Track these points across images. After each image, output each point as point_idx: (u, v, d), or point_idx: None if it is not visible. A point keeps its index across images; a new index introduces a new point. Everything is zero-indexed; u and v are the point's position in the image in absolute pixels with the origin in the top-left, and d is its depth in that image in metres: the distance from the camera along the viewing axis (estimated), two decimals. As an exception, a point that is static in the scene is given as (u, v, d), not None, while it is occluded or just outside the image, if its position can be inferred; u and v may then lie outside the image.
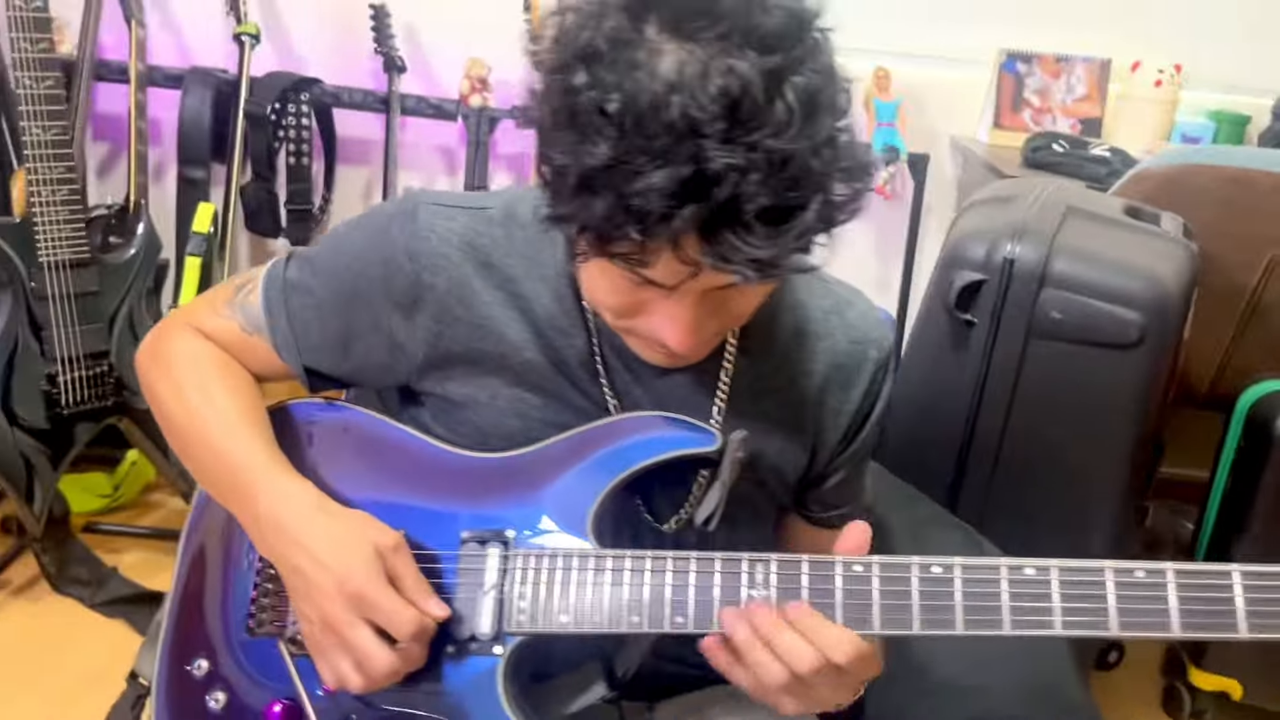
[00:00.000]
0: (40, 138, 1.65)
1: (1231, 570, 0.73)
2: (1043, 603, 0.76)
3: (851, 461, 1.00)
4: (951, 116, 2.45)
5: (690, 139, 0.65)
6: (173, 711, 0.93)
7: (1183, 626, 0.73)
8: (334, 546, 0.83)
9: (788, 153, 0.66)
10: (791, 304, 0.96)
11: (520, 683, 0.87)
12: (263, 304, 0.95)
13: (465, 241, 0.90)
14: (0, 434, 1.68)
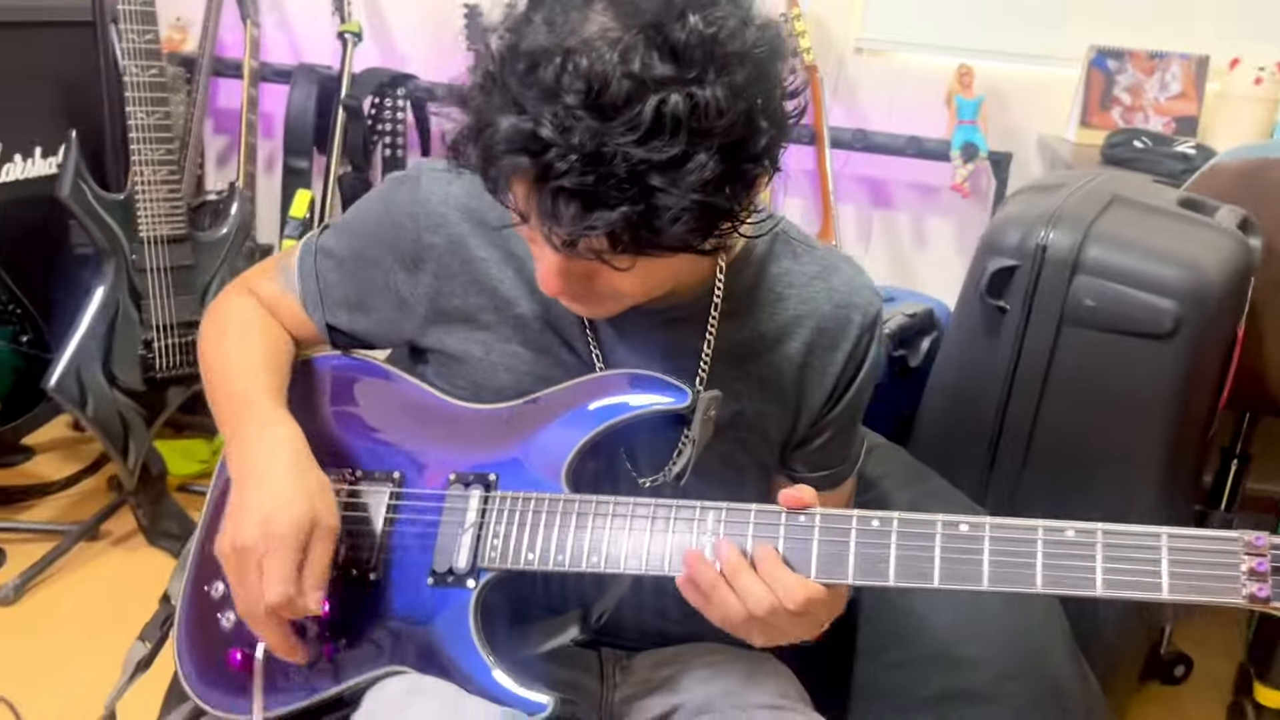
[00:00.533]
0: (144, 122, 1.81)
1: (1161, 533, 0.73)
2: (974, 557, 0.77)
3: (837, 424, 1.02)
4: (1039, 115, 2.40)
5: (542, 101, 0.71)
6: (190, 626, 1.02)
7: (1105, 585, 0.73)
8: (284, 497, 0.88)
9: (618, 154, 0.70)
10: (776, 270, 0.99)
11: (492, 617, 0.92)
12: (298, 267, 1.04)
13: (463, 204, 0.97)
14: (100, 393, 1.85)
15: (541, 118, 0.71)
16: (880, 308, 1.02)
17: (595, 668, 1.05)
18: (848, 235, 2.56)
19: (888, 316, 1.66)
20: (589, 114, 0.70)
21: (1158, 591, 0.73)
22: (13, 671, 1.71)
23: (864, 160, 2.49)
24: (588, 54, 0.71)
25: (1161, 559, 0.73)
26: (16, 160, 2.27)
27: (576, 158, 0.70)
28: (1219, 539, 0.73)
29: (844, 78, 2.48)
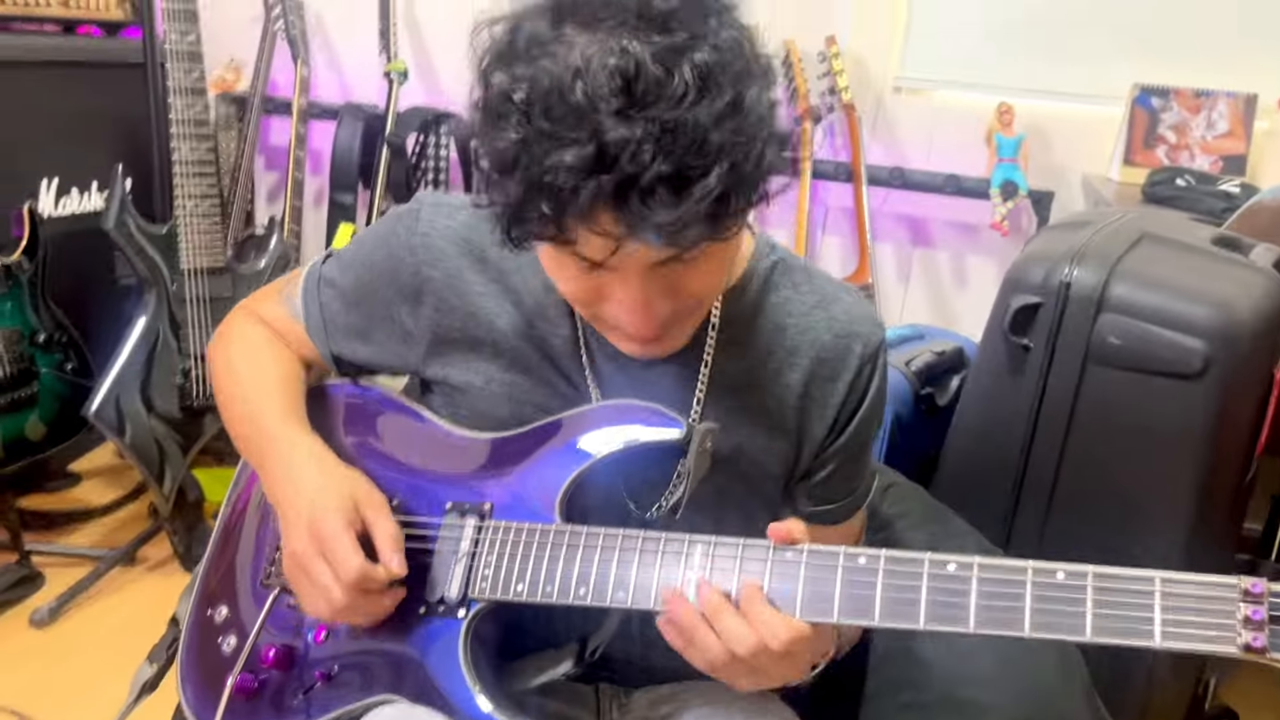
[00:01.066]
0: (188, 157, 1.87)
1: (1154, 577, 0.70)
2: (961, 599, 0.75)
3: (840, 456, 1.00)
4: (1083, 153, 2.36)
5: (591, 117, 0.69)
6: (193, 650, 1.04)
7: (1095, 631, 0.71)
8: (317, 491, 0.91)
9: (683, 122, 0.69)
10: (776, 300, 0.98)
11: (485, 648, 0.92)
12: (301, 295, 1.06)
13: (462, 237, 0.98)
14: (138, 420, 1.89)
15: (598, 129, 0.69)
16: (883, 338, 1.00)
17: (592, 703, 1.04)
18: (887, 274, 2.54)
19: (915, 354, 1.65)
20: (637, 106, 0.69)
21: (1150, 639, 0.69)
22: (44, 692, 1.74)
23: (904, 199, 2.47)
24: (599, 61, 0.70)
25: (1154, 604, 0.70)
26: (74, 194, 2.35)
27: (650, 146, 0.69)
28: (1215, 584, 0.69)
29: (883, 116, 2.47)
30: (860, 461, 1.03)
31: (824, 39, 2.37)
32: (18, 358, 1.95)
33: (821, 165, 2.42)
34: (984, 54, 2.40)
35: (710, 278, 0.84)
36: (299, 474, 0.93)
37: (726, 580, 0.82)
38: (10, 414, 1.95)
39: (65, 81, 2.32)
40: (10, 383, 1.94)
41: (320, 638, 0.96)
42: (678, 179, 0.70)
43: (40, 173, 2.28)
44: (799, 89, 2.38)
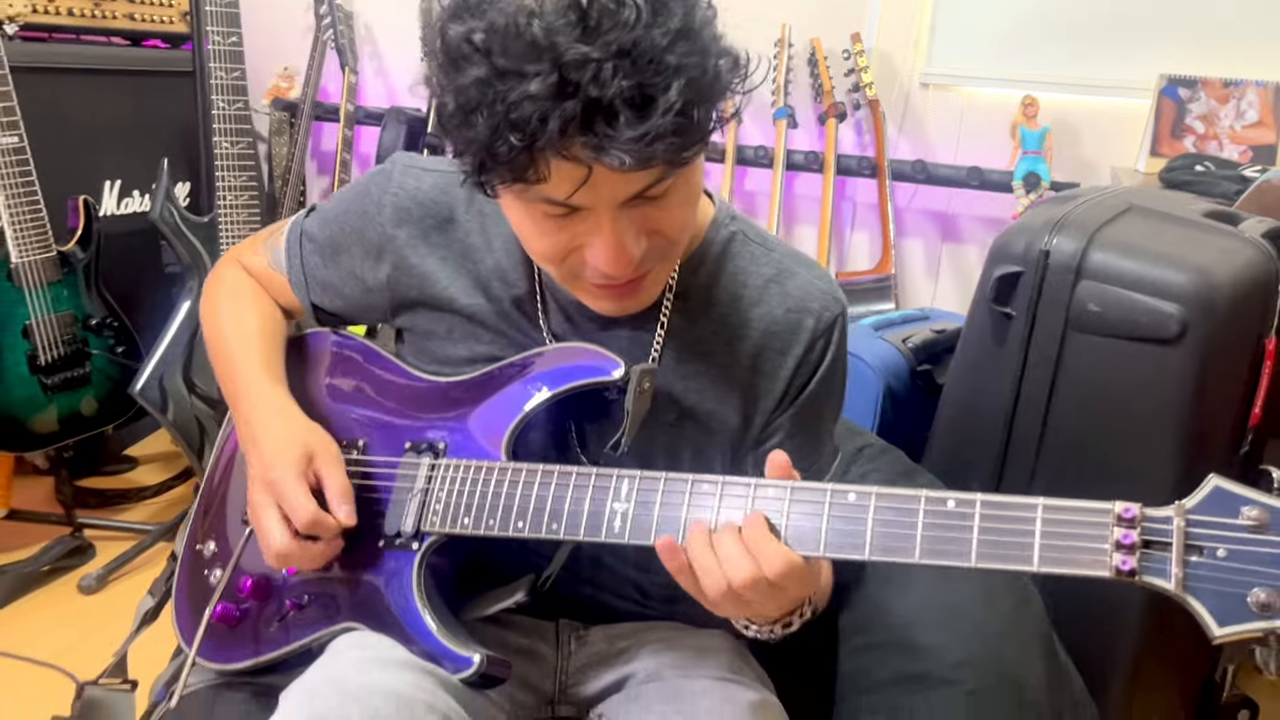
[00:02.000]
0: (229, 151, 1.98)
1: (1037, 504, 0.72)
2: (858, 527, 0.77)
3: (791, 427, 1.01)
4: (1111, 146, 2.35)
5: (549, 49, 0.72)
6: (184, 582, 1.11)
7: (979, 557, 0.72)
8: (275, 442, 0.97)
9: (638, 43, 0.72)
10: (733, 270, 1.00)
11: (441, 581, 0.97)
12: (285, 247, 1.12)
13: (430, 199, 1.02)
14: (180, 399, 2.00)
15: (558, 58, 0.72)
16: (838, 313, 1.01)
17: (551, 637, 1.08)
18: (916, 268, 2.55)
19: (912, 333, 1.66)
20: (593, 34, 0.72)
21: (1029, 564, 0.71)
22: (88, 653, 1.85)
23: (932, 195, 2.48)
24: (548, 1, 0.73)
25: (1035, 530, 0.71)
26: (134, 195, 2.50)
27: (609, 68, 0.71)
28: (1092, 510, 0.70)
29: (910, 113, 2.49)
30: (815, 437, 1.04)
31: (849, 36, 2.40)
32: (71, 340, 2.08)
33: (846, 160, 2.44)
34: (1010, 49, 2.40)
35: (679, 214, 0.86)
36: (263, 427, 0.99)
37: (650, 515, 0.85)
38: (65, 392, 2.08)
39: (130, 90, 2.47)
40: (65, 363, 2.07)
41: (292, 570, 1.02)
42: (640, 97, 0.73)
43: (104, 174, 2.44)
44: (824, 86, 2.42)
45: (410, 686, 0.85)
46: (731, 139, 2.47)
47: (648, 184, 0.80)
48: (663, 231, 0.86)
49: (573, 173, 0.77)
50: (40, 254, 2.00)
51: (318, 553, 0.95)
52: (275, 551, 0.94)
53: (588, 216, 0.82)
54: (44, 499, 2.33)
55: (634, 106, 0.73)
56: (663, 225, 0.86)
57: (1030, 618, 1.09)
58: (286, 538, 0.93)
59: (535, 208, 0.83)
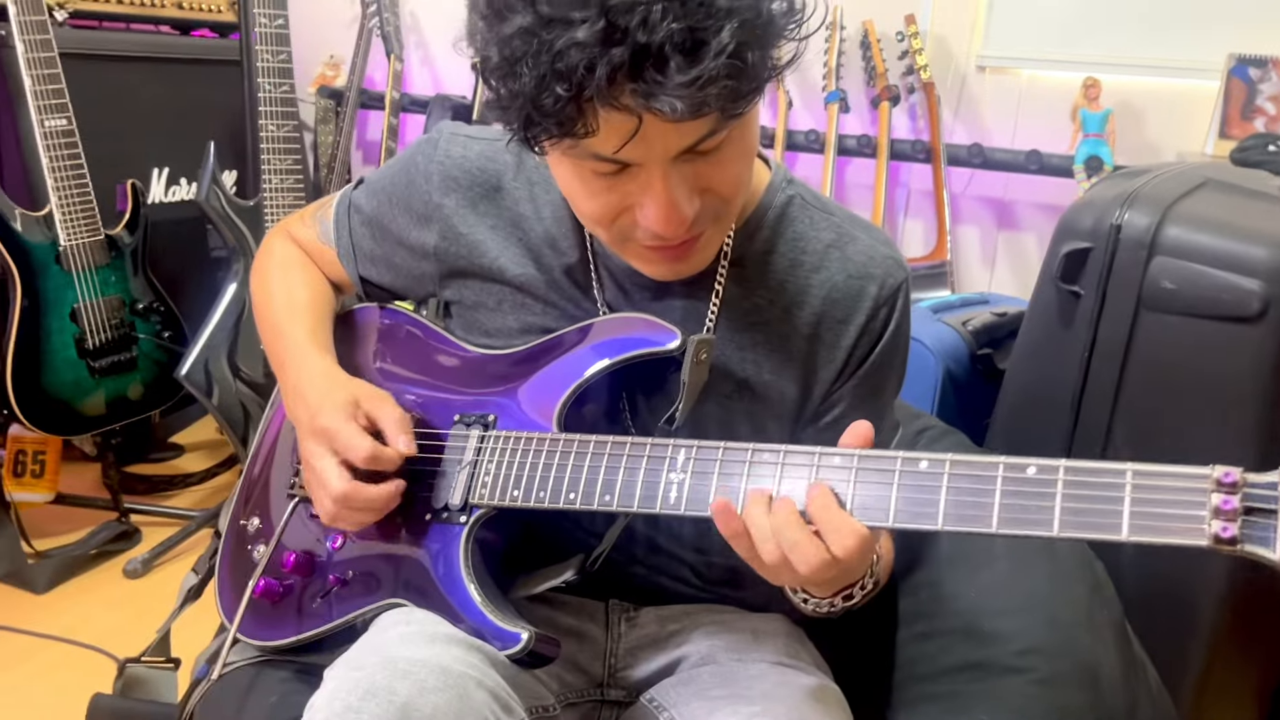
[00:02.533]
0: (274, 134, 1.97)
1: (1126, 469, 0.67)
2: (932, 495, 0.73)
3: (852, 398, 0.98)
4: (1177, 129, 2.26)
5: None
6: (227, 558, 1.09)
7: (1062, 526, 0.68)
8: (320, 397, 0.95)
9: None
10: (791, 236, 0.97)
11: (489, 556, 0.94)
12: (334, 219, 1.11)
13: (477, 167, 1.00)
14: (225, 383, 2.00)
15: (605, 4, 0.68)
16: (902, 280, 0.97)
17: (601, 618, 1.05)
18: (971, 255, 2.48)
19: (971, 316, 1.61)
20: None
21: (1117, 532, 0.66)
22: (132, 636, 1.84)
23: (988, 182, 2.41)
24: None
25: (1124, 497, 0.66)
26: (182, 184, 2.51)
27: (659, 9, 0.68)
28: (1187, 475, 0.65)
29: (966, 97, 2.42)
30: (877, 410, 0.99)
31: (903, 18, 2.35)
32: (119, 324, 2.08)
33: (899, 145, 2.38)
34: (1071, 30, 2.32)
35: (733, 170, 0.82)
36: (307, 388, 0.97)
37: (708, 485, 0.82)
38: (113, 376, 2.09)
39: (178, 79, 2.48)
40: (112, 347, 2.08)
41: (337, 544, 1.00)
42: (691, 41, 0.69)
43: (152, 162, 2.45)
44: (877, 69, 2.36)
45: (459, 662, 0.82)
46: (781, 123, 2.43)
47: (700, 136, 0.76)
48: (716, 190, 0.82)
49: (622, 124, 0.73)
50: (89, 237, 2.01)
51: (378, 494, 0.91)
52: (336, 494, 0.90)
53: (638, 174, 0.79)
54: (91, 484, 2.34)
55: (684, 51, 0.69)
56: (716, 183, 0.82)
57: (1102, 605, 1.03)
58: (345, 480, 0.90)
59: (584, 166, 0.80)
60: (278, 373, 1.05)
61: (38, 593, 1.99)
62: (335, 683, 0.81)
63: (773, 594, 1.07)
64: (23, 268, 1.93)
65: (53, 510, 2.21)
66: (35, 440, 2.11)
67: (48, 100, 1.91)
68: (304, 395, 0.97)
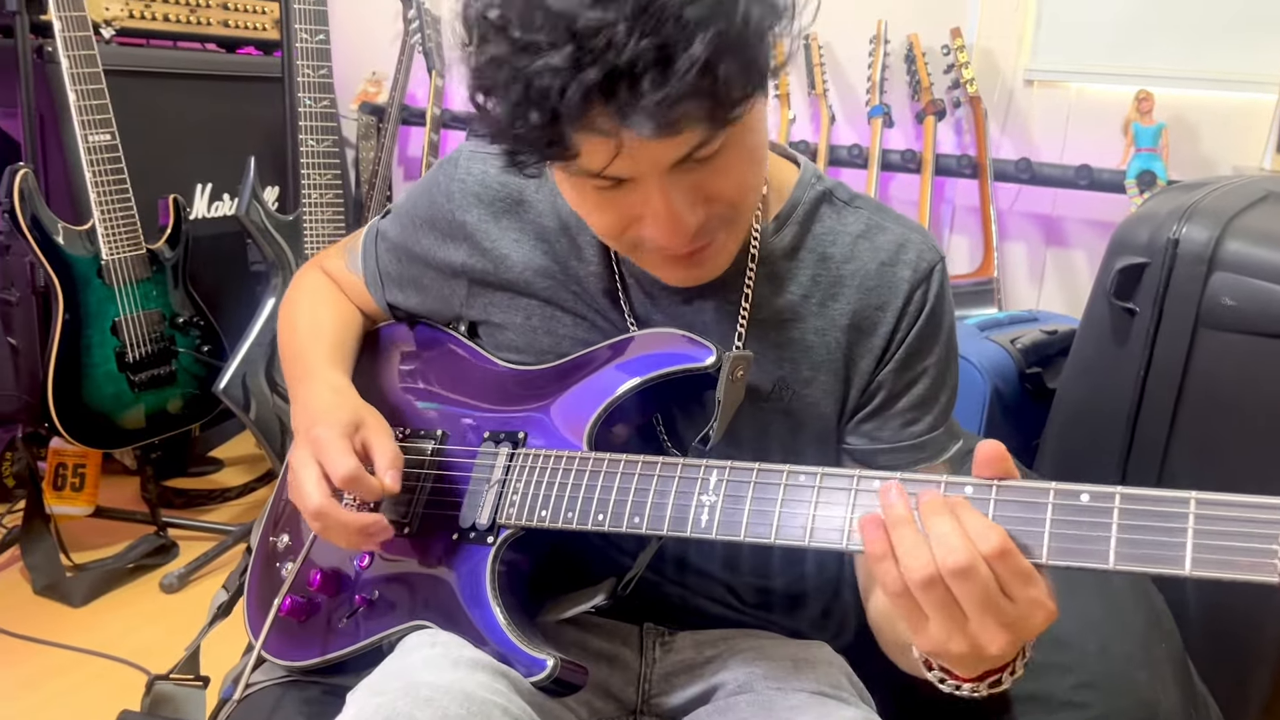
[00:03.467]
0: (314, 149, 1.97)
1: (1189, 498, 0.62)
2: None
3: (892, 385, 0.94)
4: (1234, 144, 2.19)
5: (565, 19, 0.68)
6: (256, 576, 1.08)
7: (1118, 558, 0.63)
8: (324, 409, 0.94)
9: (656, 4, 0.67)
10: (819, 231, 0.95)
11: (517, 578, 0.91)
12: (361, 249, 1.11)
13: (498, 182, 0.98)
14: (262, 398, 2.00)
15: (573, 28, 0.67)
16: (936, 261, 0.94)
17: (635, 642, 1.01)
18: (1019, 272, 2.43)
19: (1020, 334, 1.56)
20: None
21: (1179, 566, 0.61)
22: (167, 651, 1.84)
23: (1036, 197, 2.36)
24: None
25: (1187, 527, 0.62)
26: (225, 199, 2.53)
27: (624, 28, 0.67)
28: (1256, 506, 0.61)
29: (1013, 110, 2.37)
30: (920, 406, 0.95)
31: (948, 32, 2.30)
32: (159, 338, 2.09)
33: (945, 160, 2.34)
34: (1121, 42, 2.27)
35: (736, 177, 0.80)
36: (314, 400, 0.96)
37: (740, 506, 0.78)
38: (152, 390, 2.09)
39: (223, 96, 2.50)
40: (152, 360, 2.08)
41: (364, 564, 0.98)
42: (661, 57, 0.67)
43: (196, 177, 2.47)
44: (922, 83, 2.32)
45: (483, 688, 0.79)
46: (824, 138, 2.39)
47: (691, 147, 0.74)
48: (720, 197, 0.80)
49: (600, 145, 0.72)
50: (130, 251, 2.02)
51: (352, 520, 0.88)
52: (311, 508, 0.88)
53: (636, 187, 0.77)
54: (130, 498, 2.36)
55: (656, 68, 0.67)
56: (719, 190, 0.79)
57: (1161, 637, 0.98)
58: (323, 493, 0.88)
59: (582, 184, 0.79)
60: (290, 389, 1.04)
61: (74, 606, 1.99)
62: (356, 708, 0.78)
63: (814, 623, 1.03)
64: (65, 281, 1.95)
65: (91, 523, 2.22)
66: (76, 453, 2.12)
67: (92, 116, 1.92)
68: (309, 406, 0.96)
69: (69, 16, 1.88)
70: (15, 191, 1.87)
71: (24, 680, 1.80)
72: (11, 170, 1.89)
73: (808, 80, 2.44)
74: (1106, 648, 0.94)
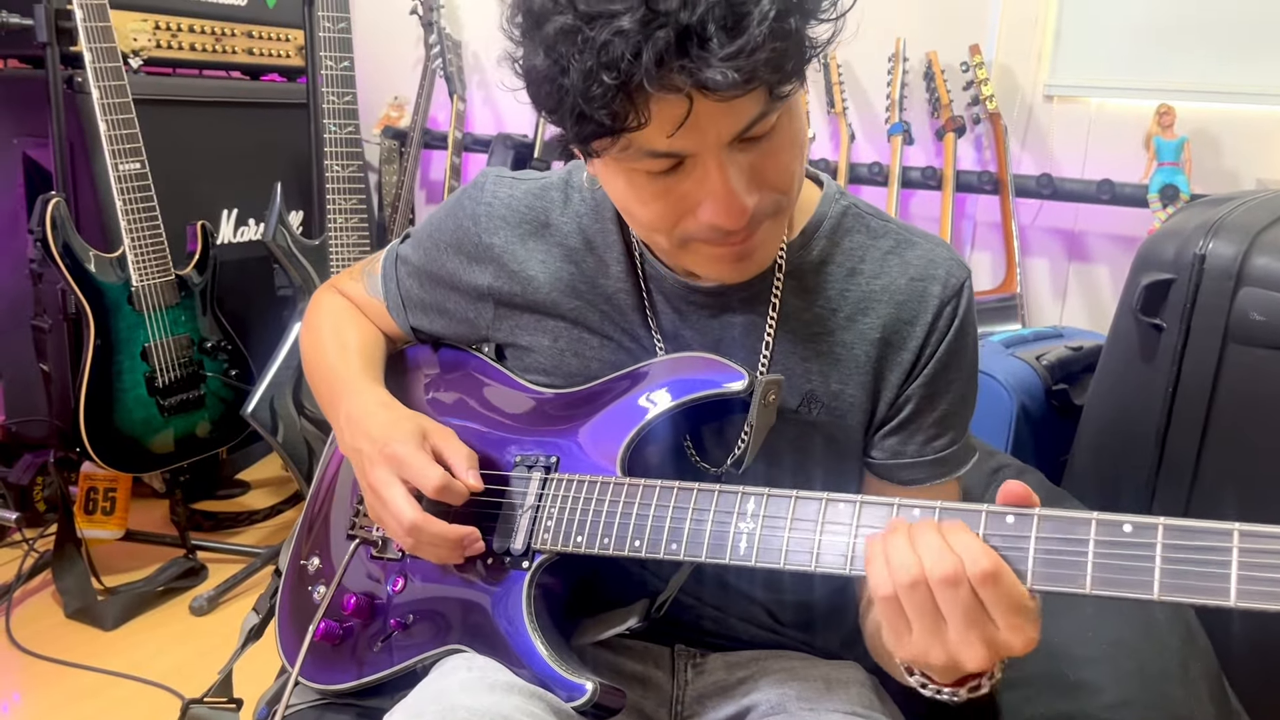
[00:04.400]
0: (339, 174, 1.99)
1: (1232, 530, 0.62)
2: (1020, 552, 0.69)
3: (919, 400, 0.94)
4: (1258, 157, 2.18)
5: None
6: (287, 599, 1.08)
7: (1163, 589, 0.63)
8: (386, 425, 0.94)
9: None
10: (849, 246, 0.95)
11: (552, 602, 0.92)
12: (381, 273, 1.11)
13: (524, 205, 0.99)
14: (289, 421, 2.01)
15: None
16: (964, 279, 0.94)
17: (667, 664, 1.01)
18: (1042, 288, 2.42)
19: (1046, 350, 1.56)
20: None
21: (1224, 598, 0.62)
22: (196, 673, 1.86)
23: (1058, 212, 2.36)
24: None
25: (1231, 559, 0.62)
26: (251, 224, 2.55)
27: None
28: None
29: (1033, 127, 2.37)
30: (944, 421, 0.95)
31: (967, 48, 2.31)
32: (188, 362, 2.12)
33: (965, 176, 2.34)
34: (1142, 57, 2.27)
35: (785, 159, 0.81)
36: (368, 420, 0.96)
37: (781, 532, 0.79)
38: (181, 414, 2.12)
39: (248, 123, 2.54)
40: (181, 385, 2.11)
41: (398, 588, 0.99)
42: (732, 15, 0.69)
43: (222, 203, 2.50)
44: (941, 100, 2.33)
45: (519, 711, 0.80)
46: (844, 156, 2.40)
47: (751, 119, 0.75)
48: (771, 181, 0.81)
49: (674, 109, 0.72)
50: (159, 278, 2.04)
51: (448, 533, 0.90)
52: (407, 524, 0.89)
53: (693, 169, 0.77)
54: (160, 521, 2.38)
55: (726, 26, 0.69)
56: (771, 172, 0.80)
57: (1197, 656, 0.98)
58: (415, 508, 0.89)
59: (636, 171, 0.79)
60: (329, 412, 1.05)
61: (106, 629, 2.01)
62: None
63: (847, 639, 1.03)
64: (96, 308, 1.97)
65: (122, 547, 2.25)
66: (106, 478, 2.14)
67: (122, 145, 1.95)
68: (363, 425, 0.96)
69: (99, 48, 1.91)
70: (48, 220, 1.90)
71: (57, 704, 1.82)
72: (44, 199, 1.92)
73: (827, 99, 2.45)
74: (1142, 666, 0.94)
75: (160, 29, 2.32)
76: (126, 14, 2.25)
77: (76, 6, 1.90)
